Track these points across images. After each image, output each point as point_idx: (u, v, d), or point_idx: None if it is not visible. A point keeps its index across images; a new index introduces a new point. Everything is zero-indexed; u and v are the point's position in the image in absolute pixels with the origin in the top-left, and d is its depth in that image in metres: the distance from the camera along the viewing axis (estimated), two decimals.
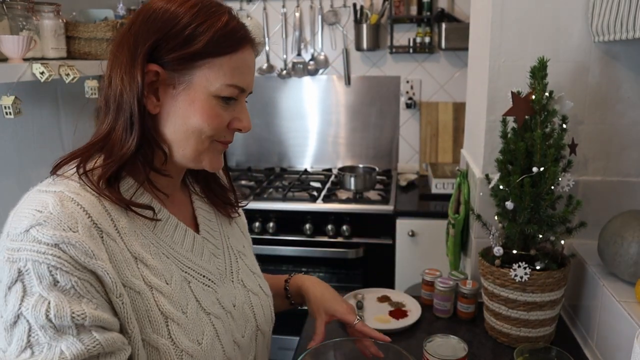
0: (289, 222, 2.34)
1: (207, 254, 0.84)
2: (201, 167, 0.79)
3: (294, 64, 2.81)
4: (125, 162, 0.72)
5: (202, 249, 0.83)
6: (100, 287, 0.65)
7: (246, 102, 0.81)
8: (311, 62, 2.80)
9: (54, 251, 0.61)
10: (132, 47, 0.72)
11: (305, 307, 1.11)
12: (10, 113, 1.37)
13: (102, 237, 0.67)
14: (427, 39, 2.63)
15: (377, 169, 2.56)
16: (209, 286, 0.81)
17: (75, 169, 0.71)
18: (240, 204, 0.98)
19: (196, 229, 0.86)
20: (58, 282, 0.61)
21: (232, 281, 0.87)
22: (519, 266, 1.13)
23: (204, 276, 0.81)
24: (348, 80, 2.80)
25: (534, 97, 1.12)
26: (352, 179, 2.42)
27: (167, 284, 0.73)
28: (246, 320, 0.87)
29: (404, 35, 2.70)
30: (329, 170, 2.88)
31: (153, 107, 0.73)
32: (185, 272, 0.78)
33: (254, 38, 0.79)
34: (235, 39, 0.75)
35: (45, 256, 0.61)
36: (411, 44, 2.65)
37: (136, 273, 0.70)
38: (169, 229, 0.78)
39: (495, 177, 1.20)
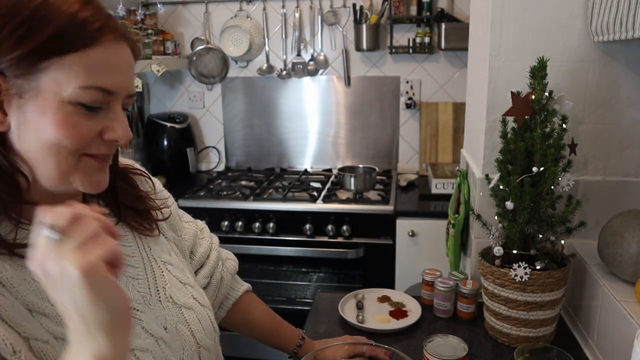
0: (289, 222, 2.34)
1: (122, 280, 0.74)
2: (75, 189, 0.66)
3: (294, 64, 2.81)
4: None
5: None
6: None
7: (126, 110, 0.69)
8: (311, 63, 2.80)
9: None
10: None
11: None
12: None
13: None
14: (426, 39, 2.63)
15: (377, 169, 2.56)
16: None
17: None
18: (160, 216, 0.86)
19: None
20: None
21: (160, 300, 0.78)
22: (519, 266, 1.13)
23: None
24: (348, 81, 2.80)
25: (533, 97, 1.12)
26: (352, 179, 2.42)
27: None
28: (183, 341, 0.78)
29: (403, 36, 2.70)
30: (329, 170, 2.88)
31: None
32: None
33: (121, 30, 0.65)
34: (87, 31, 0.61)
35: None
36: (411, 44, 2.65)
37: (36, 325, 0.61)
38: None
39: (495, 177, 1.20)
